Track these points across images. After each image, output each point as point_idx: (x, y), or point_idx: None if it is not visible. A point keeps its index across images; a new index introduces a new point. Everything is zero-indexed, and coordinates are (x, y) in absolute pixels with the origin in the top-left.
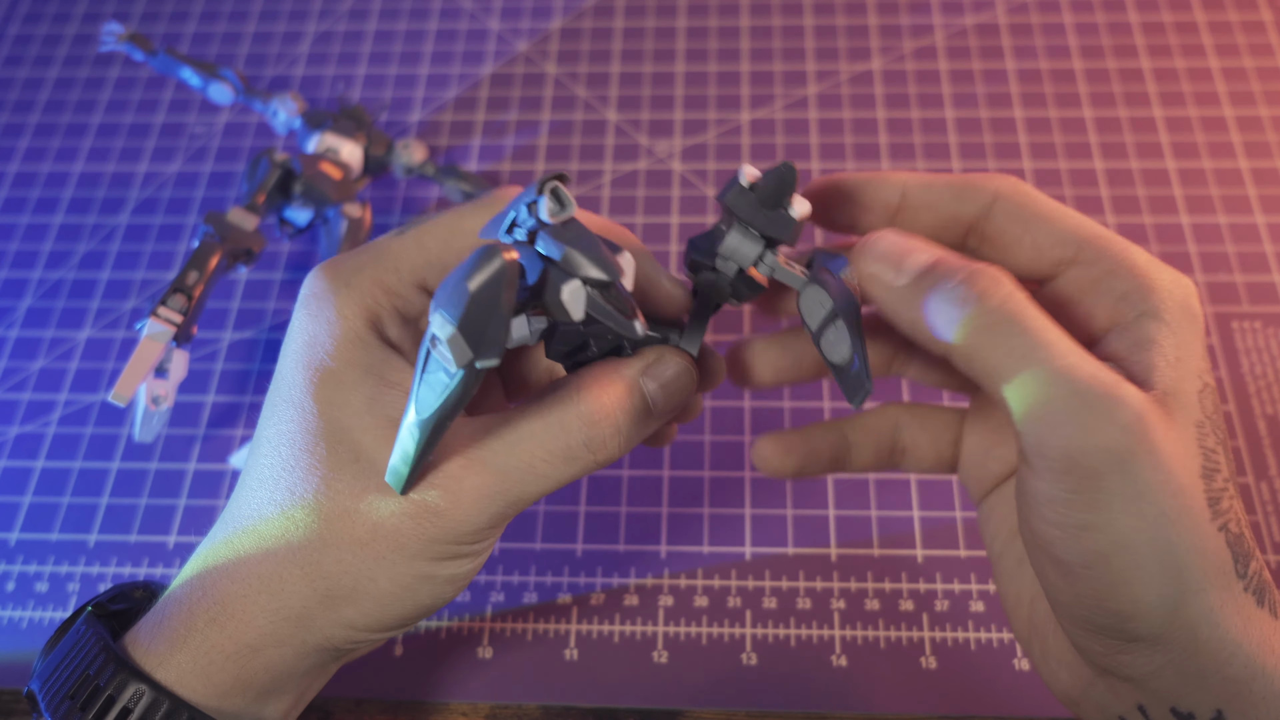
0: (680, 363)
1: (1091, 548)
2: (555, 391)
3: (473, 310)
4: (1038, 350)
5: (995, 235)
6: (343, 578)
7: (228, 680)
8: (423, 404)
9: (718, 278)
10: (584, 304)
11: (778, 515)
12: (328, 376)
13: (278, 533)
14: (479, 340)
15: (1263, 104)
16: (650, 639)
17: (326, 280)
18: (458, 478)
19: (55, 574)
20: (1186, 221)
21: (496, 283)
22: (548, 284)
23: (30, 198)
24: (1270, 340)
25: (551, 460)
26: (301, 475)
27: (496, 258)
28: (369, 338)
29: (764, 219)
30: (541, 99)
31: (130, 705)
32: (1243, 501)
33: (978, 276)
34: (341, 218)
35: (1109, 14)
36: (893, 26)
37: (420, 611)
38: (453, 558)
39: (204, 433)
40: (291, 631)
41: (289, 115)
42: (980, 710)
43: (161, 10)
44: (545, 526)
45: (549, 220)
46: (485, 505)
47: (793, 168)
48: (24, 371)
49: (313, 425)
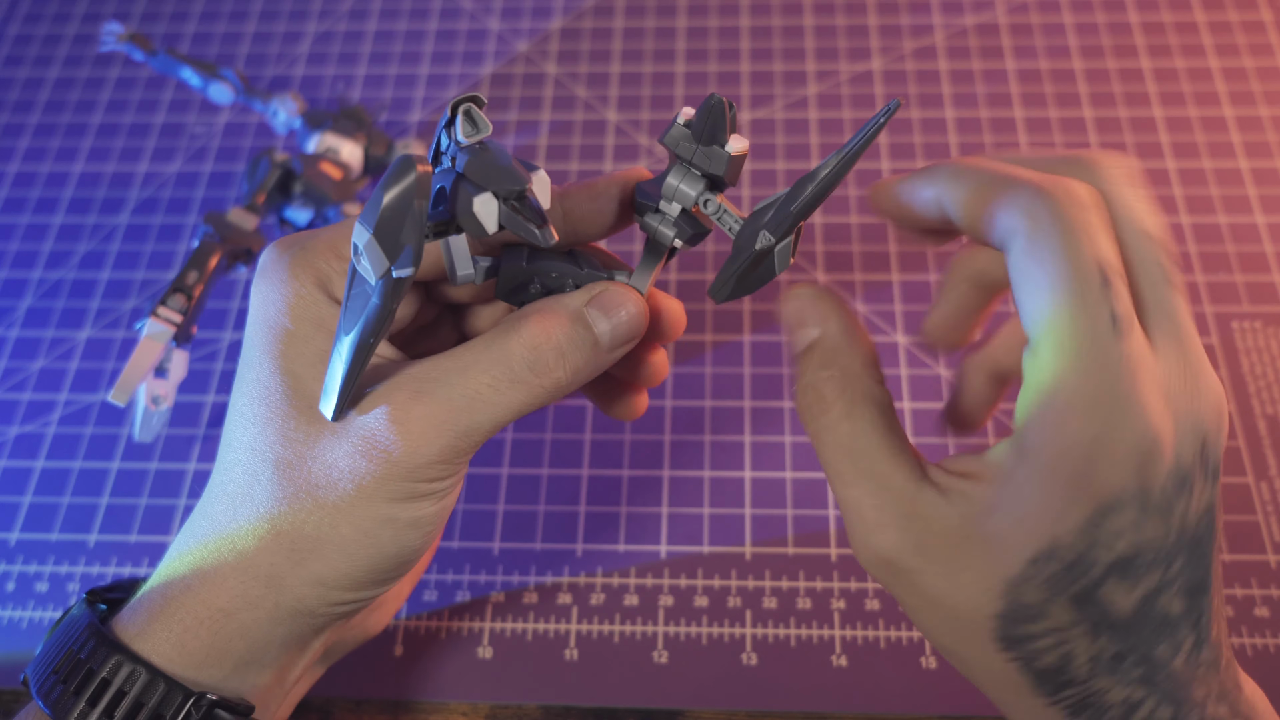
0: (624, 292)
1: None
2: (499, 324)
3: (387, 216)
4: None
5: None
6: (304, 527)
7: (202, 649)
8: (348, 324)
9: (661, 219)
10: (495, 215)
11: (778, 515)
12: (283, 334)
13: (242, 492)
14: (394, 246)
15: (1263, 104)
16: (650, 639)
17: (279, 249)
18: (404, 407)
19: (55, 574)
20: (1186, 221)
21: (409, 191)
22: (459, 198)
23: (30, 198)
24: (1270, 340)
25: (497, 386)
26: (259, 431)
27: (409, 167)
28: (319, 295)
29: (701, 156)
30: (541, 99)
31: (109, 677)
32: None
33: (833, 383)
34: (342, 217)
35: (1109, 14)
36: (893, 26)
37: (388, 562)
38: (411, 498)
39: (204, 433)
40: (262, 592)
41: (289, 115)
42: (980, 710)
43: (161, 10)
44: (546, 526)
45: (464, 141)
46: (435, 436)
47: (721, 99)
48: (24, 371)
49: (269, 381)
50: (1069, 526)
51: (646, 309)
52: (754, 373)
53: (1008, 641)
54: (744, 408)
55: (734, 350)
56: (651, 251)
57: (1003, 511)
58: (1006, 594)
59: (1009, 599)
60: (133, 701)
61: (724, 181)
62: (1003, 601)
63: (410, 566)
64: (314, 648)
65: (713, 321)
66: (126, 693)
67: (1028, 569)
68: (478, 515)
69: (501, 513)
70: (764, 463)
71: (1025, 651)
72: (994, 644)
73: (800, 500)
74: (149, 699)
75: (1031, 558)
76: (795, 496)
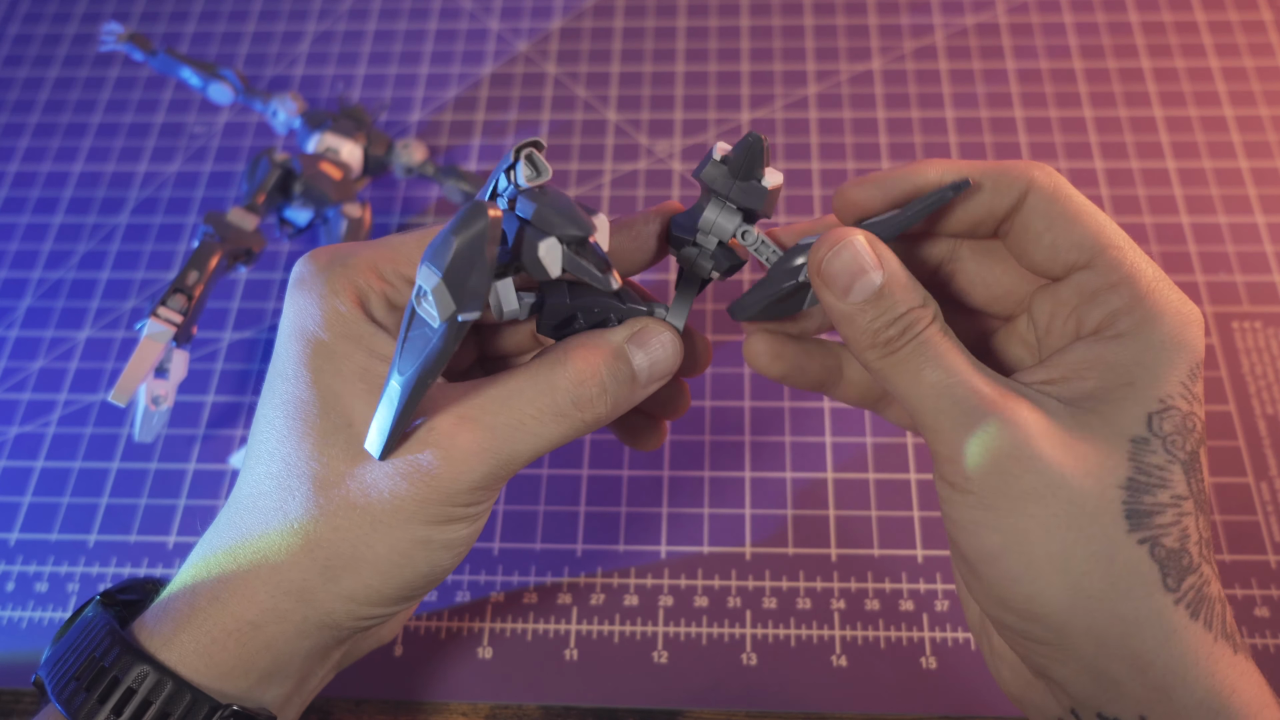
0: (664, 331)
1: (985, 544)
2: (543, 356)
3: (457, 262)
4: (938, 371)
5: (1018, 228)
6: (340, 545)
7: (229, 661)
8: (405, 365)
9: (699, 252)
10: (560, 260)
11: (778, 515)
12: (319, 348)
13: (275, 505)
14: (462, 291)
15: (1263, 104)
16: (650, 639)
17: (318, 261)
18: (450, 435)
19: (55, 574)
20: (1186, 221)
21: (480, 236)
22: (524, 243)
23: (30, 198)
24: (1270, 340)
25: (541, 418)
26: (294, 445)
27: (481, 213)
28: (357, 313)
29: (738, 191)
30: (541, 99)
31: (134, 686)
32: (1209, 518)
33: (910, 315)
34: (341, 218)
35: (1109, 14)
36: (893, 26)
37: (420, 581)
38: (448, 521)
39: (204, 433)
40: (292, 606)
41: (289, 115)
42: (980, 710)
43: (161, 10)
44: (546, 526)
45: (525, 185)
46: (477, 463)
47: (759, 137)
48: (24, 371)
49: (305, 395)
50: (1174, 389)
51: (682, 346)
52: (754, 373)
53: (1136, 518)
54: (744, 408)
55: (734, 350)
56: (688, 283)
57: (1111, 384)
58: (1133, 456)
59: (1135, 461)
60: (158, 711)
61: (760, 214)
62: (1130, 465)
63: (438, 583)
64: (333, 658)
65: (713, 322)
66: (152, 702)
67: (1147, 427)
68: None
69: (502, 513)
70: (764, 463)
71: (1152, 529)
72: (1124, 523)
73: (800, 500)
74: (174, 709)
75: (1149, 413)
76: (795, 496)
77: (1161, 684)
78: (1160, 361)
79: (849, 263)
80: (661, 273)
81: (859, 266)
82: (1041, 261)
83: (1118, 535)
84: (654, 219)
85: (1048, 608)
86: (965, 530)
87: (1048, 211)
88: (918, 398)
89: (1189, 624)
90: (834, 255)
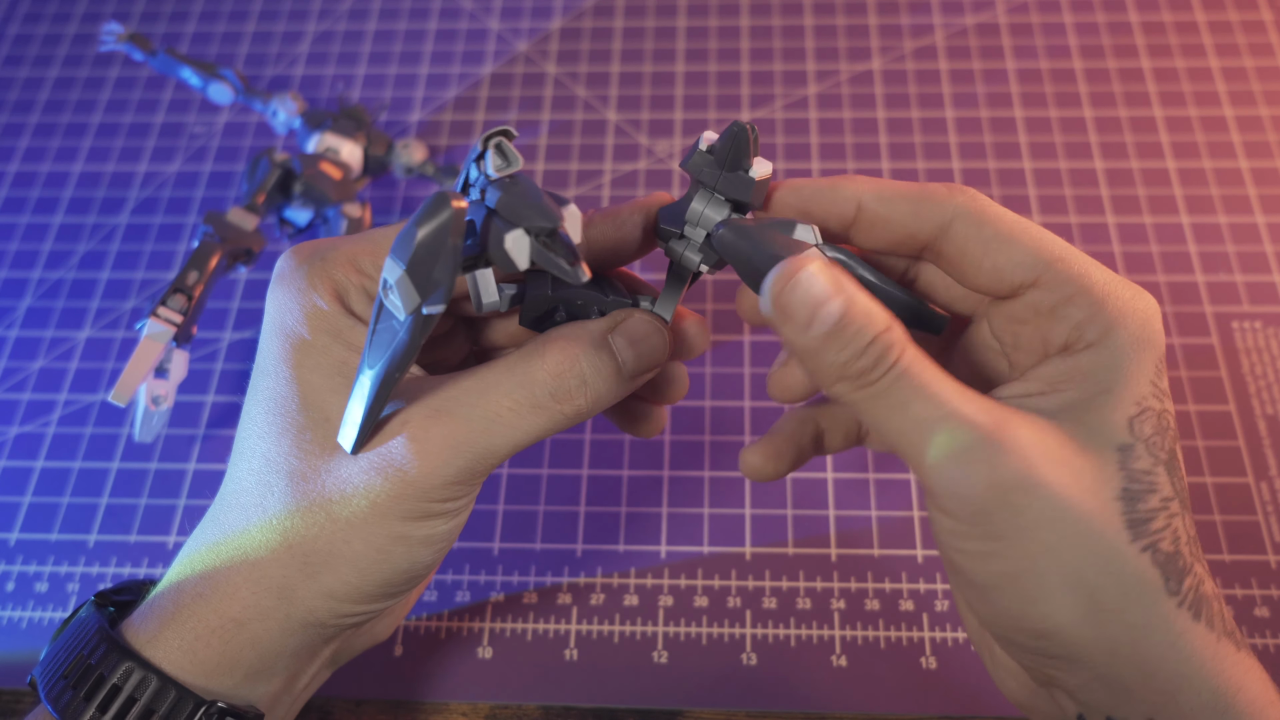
0: (649, 321)
1: (998, 570)
2: (522, 348)
3: (420, 253)
4: (926, 404)
5: (954, 254)
6: (317, 541)
7: (214, 657)
8: (374, 359)
9: (687, 245)
10: (528, 251)
11: (778, 515)
12: (299, 343)
13: (255, 502)
14: (425, 283)
15: (1263, 104)
16: (650, 639)
17: (297, 256)
18: (423, 427)
19: (55, 574)
20: (1186, 221)
21: (444, 228)
22: (490, 234)
23: (30, 198)
24: (1270, 340)
25: (518, 410)
26: (274, 441)
27: (445, 204)
28: (336, 307)
29: (725, 181)
30: (541, 99)
31: (120, 683)
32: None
33: (879, 343)
34: (341, 218)
35: (1109, 14)
36: (893, 26)
37: (400, 578)
38: (425, 516)
39: (204, 433)
40: (274, 604)
41: (289, 115)
42: (980, 710)
43: (161, 10)
44: (545, 526)
45: (495, 175)
46: (452, 456)
47: (744, 126)
48: (24, 371)
49: (285, 391)
50: (1145, 389)
51: (669, 336)
52: (754, 373)
53: (1135, 527)
54: (744, 408)
55: (734, 350)
56: (675, 276)
57: (1091, 394)
58: (1122, 464)
59: (1125, 470)
60: (143, 708)
61: (749, 205)
62: (1121, 474)
63: (421, 580)
64: (323, 655)
65: (713, 322)
66: (137, 699)
67: (1129, 432)
68: (478, 515)
69: (501, 513)
70: None
71: (1150, 536)
72: (1126, 534)
73: (800, 500)
74: (159, 706)
75: (1129, 417)
76: (795, 497)
77: (1169, 687)
78: (1130, 362)
79: (805, 296)
80: (664, 271)
81: (816, 298)
82: (987, 284)
83: (1123, 547)
84: (639, 210)
85: (1063, 626)
86: (972, 558)
87: (980, 236)
88: (903, 433)
89: (1192, 625)
90: (791, 288)
